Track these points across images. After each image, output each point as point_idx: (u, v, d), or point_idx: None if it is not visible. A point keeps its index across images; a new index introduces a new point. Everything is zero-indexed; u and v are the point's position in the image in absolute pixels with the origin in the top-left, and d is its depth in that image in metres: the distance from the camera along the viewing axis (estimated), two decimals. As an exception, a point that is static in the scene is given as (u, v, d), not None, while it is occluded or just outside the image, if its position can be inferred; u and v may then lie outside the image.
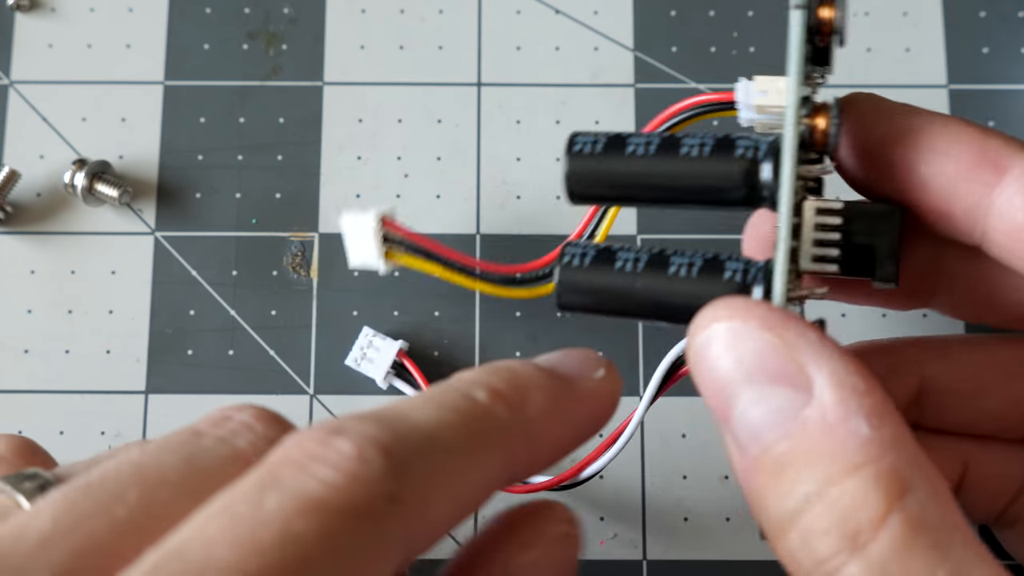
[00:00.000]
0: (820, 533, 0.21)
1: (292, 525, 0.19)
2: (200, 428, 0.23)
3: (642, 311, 0.27)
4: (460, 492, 0.22)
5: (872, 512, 0.21)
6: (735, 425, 0.23)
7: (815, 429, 0.22)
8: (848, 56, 0.38)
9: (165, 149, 0.38)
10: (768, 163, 0.26)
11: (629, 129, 0.37)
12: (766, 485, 0.23)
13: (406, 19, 0.39)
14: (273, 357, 0.36)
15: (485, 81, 0.38)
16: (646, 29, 0.38)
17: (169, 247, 0.37)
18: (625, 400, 0.35)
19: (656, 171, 0.27)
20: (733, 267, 0.26)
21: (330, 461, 0.20)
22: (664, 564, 0.34)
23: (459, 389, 0.23)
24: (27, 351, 0.36)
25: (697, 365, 0.24)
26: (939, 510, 0.21)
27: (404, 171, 0.37)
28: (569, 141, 0.28)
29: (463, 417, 0.22)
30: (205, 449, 0.22)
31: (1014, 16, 0.38)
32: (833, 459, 0.22)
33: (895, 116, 0.27)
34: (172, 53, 0.38)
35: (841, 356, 0.23)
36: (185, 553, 0.19)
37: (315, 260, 0.37)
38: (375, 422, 0.21)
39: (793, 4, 0.25)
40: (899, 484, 0.21)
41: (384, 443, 0.21)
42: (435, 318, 0.36)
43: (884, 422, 0.22)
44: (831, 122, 0.26)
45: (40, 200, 0.37)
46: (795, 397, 0.22)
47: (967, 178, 0.26)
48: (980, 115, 0.37)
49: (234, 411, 0.23)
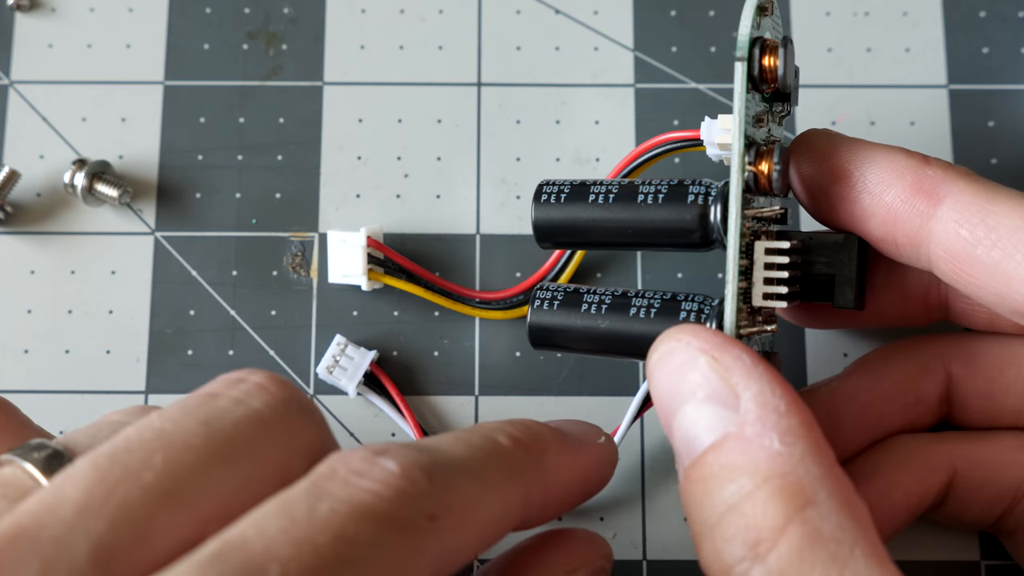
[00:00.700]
0: (729, 541, 0.23)
1: (345, 528, 0.20)
2: (215, 391, 0.23)
3: (606, 349, 0.30)
4: (487, 519, 0.23)
5: (772, 523, 0.23)
6: (674, 438, 0.25)
7: (734, 443, 0.24)
8: (848, 56, 0.38)
9: (165, 149, 0.38)
10: (717, 207, 0.29)
11: (629, 126, 0.37)
12: (693, 494, 0.24)
13: (406, 19, 0.39)
14: (273, 357, 0.36)
15: (485, 81, 0.38)
16: (646, 29, 0.38)
17: (169, 247, 0.37)
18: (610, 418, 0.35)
19: (615, 217, 0.30)
20: (688, 307, 0.29)
21: (377, 478, 0.22)
22: (664, 564, 0.34)
23: (482, 433, 0.25)
24: (27, 351, 0.36)
25: (650, 382, 0.26)
26: (842, 523, 0.23)
27: (404, 171, 0.37)
28: (537, 190, 0.31)
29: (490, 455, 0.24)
30: (223, 411, 0.23)
31: (1014, 16, 0.38)
32: (746, 472, 0.23)
33: (840, 150, 0.29)
34: (172, 53, 0.38)
35: (770, 379, 0.25)
36: (247, 545, 0.20)
37: (315, 260, 0.37)
38: (415, 448, 0.23)
39: (736, 56, 0.27)
40: (801, 497, 0.23)
41: (426, 466, 0.22)
42: (435, 318, 0.36)
43: (798, 440, 0.24)
44: (773, 167, 0.27)
45: (40, 200, 0.37)
46: (724, 415, 0.24)
47: (906, 207, 0.28)
48: (980, 115, 0.37)
49: (246, 373, 0.24)
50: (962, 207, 0.27)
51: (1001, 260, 0.26)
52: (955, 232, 0.27)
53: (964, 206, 0.27)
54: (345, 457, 0.22)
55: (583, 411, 0.35)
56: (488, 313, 0.35)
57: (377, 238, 0.35)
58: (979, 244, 0.27)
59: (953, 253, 0.27)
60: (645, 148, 0.32)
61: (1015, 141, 0.37)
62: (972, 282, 0.27)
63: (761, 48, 0.27)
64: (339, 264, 0.35)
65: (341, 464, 0.22)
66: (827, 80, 0.38)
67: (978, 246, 0.27)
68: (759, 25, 0.28)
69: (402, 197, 0.37)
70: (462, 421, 0.35)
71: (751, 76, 0.27)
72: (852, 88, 0.38)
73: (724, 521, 0.23)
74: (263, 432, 0.23)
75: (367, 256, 0.34)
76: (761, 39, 0.28)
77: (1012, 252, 0.26)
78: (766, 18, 0.28)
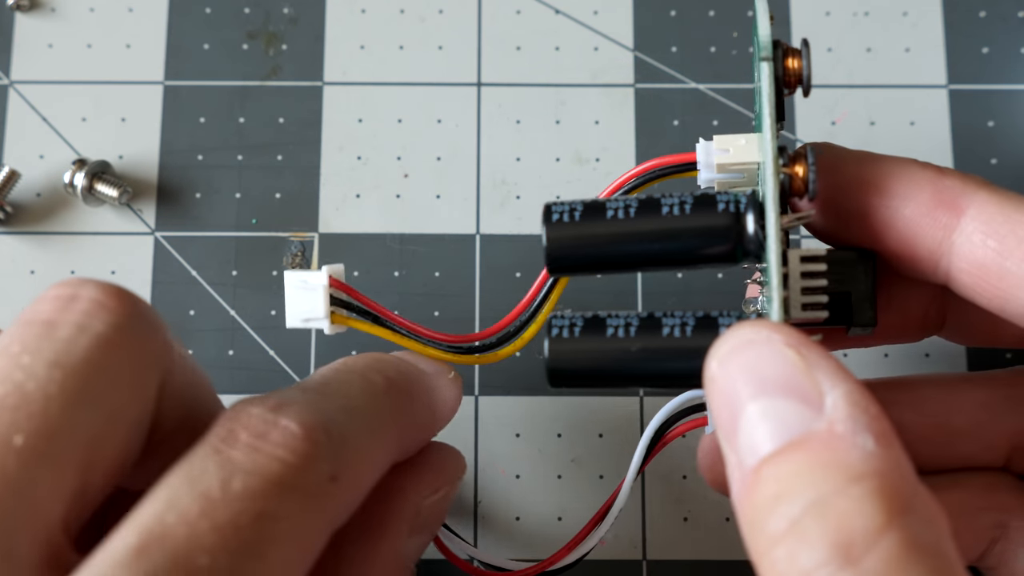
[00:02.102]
0: (809, 545, 0.20)
1: (263, 507, 0.21)
2: (51, 317, 0.22)
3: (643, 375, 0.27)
4: (377, 467, 0.24)
5: (870, 524, 0.20)
6: (740, 435, 0.23)
7: (821, 440, 0.22)
8: (848, 56, 0.38)
9: (165, 149, 0.38)
10: (751, 215, 0.26)
11: (629, 126, 0.37)
12: (761, 495, 0.22)
13: (406, 19, 0.39)
14: (273, 357, 0.36)
15: (485, 81, 0.38)
16: (646, 29, 0.38)
17: (169, 247, 0.37)
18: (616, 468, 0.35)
19: (640, 232, 0.27)
20: (726, 322, 0.26)
21: (282, 443, 0.22)
22: (664, 564, 0.34)
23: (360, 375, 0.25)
24: (27, 351, 0.36)
25: (715, 376, 0.24)
26: (938, 537, 0.21)
27: (404, 171, 0.37)
28: (545, 211, 0.27)
29: (372, 401, 0.25)
30: (68, 343, 0.22)
31: (1014, 16, 0.38)
32: (836, 470, 0.21)
33: (851, 164, 0.28)
34: (172, 53, 0.38)
35: (856, 382, 0.23)
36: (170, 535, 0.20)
37: (315, 260, 0.37)
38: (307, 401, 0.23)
39: (760, 56, 0.26)
40: (901, 501, 0.21)
41: (324, 424, 0.22)
42: (435, 318, 0.36)
43: (892, 444, 0.22)
44: (809, 169, 0.26)
45: (40, 200, 0.37)
46: (805, 412, 0.22)
47: (926, 220, 0.27)
48: (980, 115, 0.37)
49: (76, 287, 0.23)
50: (987, 218, 0.26)
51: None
52: (982, 243, 0.26)
53: (990, 217, 0.26)
54: (242, 416, 0.22)
55: (583, 411, 0.35)
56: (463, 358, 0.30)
57: (339, 277, 0.31)
58: (1010, 256, 0.26)
59: (979, 266, 0.26)
60: (632, 175, 0.29)
61: (1015, 141, 0.37)
62: (998, 295, 0.26)
63: (784, 50, 0.27)
64: (298, 307, 0.30)
65: (240, 426, 0.22)
66: (827, 80, 0.38)
67: (1008, 258, 0.26)
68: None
69: (402, 197, 0.37)
70: (462, 421, 0.35)
71: (776, 77, 0.26)
72: (852, 88, 0.38)
73: (805, 523, 0.21)
74: (114, 357, 0.22)
75: (330, 298, 0.30)
76: (779, 41, 0.27)
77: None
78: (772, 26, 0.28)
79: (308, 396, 0.23)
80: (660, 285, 0.36)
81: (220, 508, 0.20)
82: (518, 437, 0.35)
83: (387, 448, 0.25)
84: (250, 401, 0.23)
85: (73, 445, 0.21)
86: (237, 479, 0.21)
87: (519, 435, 0.35)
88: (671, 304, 0.36)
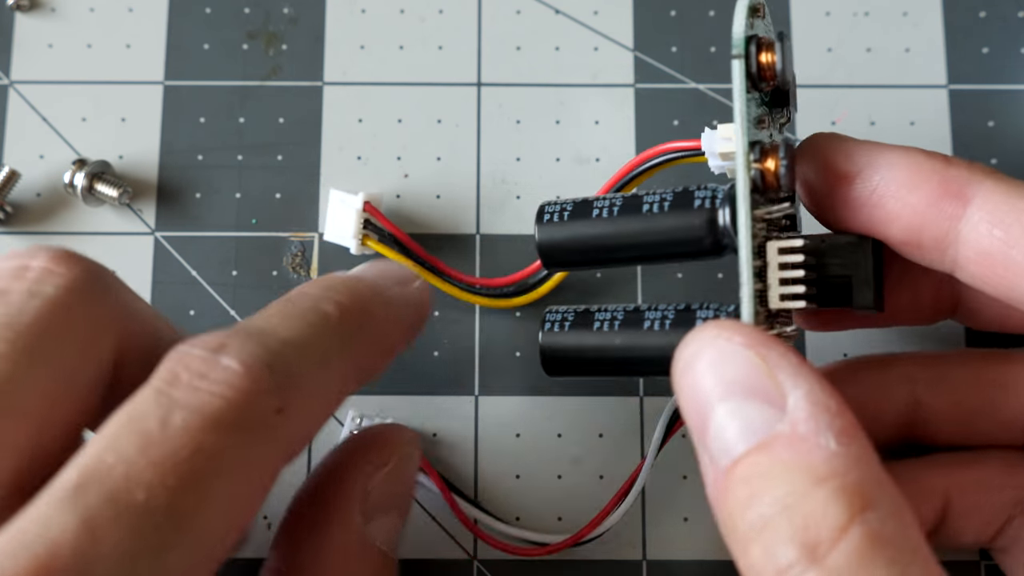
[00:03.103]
0: (782, 543, 0.22)
1: (202, 442, 0.21)
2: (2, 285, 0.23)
3: (623, 367, 0.29)
4: (330, 396, 0.24)
5: (833, 523, 0.22)
6: (710, 437, 0.24)
7: (785, 442, 0.23)
8: (848, 56, 0.38)
9: (165, 149, 0.38)
10: (725, 210, 0.28)
11: (629, 126, 0.37)
12: (734, 496, 0.23)
13: (406, 19, 0.39)
14: (273, 357, 0.36)
15: (485, 81, 0.38)
16: (646, 29, 0.38)
17: (169, 247, 0.37)
18: (629, 451, 0.35)
19: (622, 231, 0.29)
20: (704, 315, 0.28)
21: (222, 379, 0.22)
22: (664, 564, 0.34)
23: (310, 306, 0.25)
24: (27, 351, 0.36)
25: (681, 380, 0.25)
26: (900, 528, 0.22)
27: (404, 171, 0.37)
28: (539, 211, 0.30)
29: (323, 331, 0.25)
30: (19, 308, 0.22)
31: (1014, 16, 0.38)
32: (800, 471, 0.22)
33: (856, 153, 0.28)
34: (172, 53, 0.38)
35: (818, 379, 0.24)
36: (108, 471, 0.20)
37: (315, 260, 0.37)
38: (250, 338, 0.23)
39: (732, 54, 0.26)
40: (861, 499, 0.22)
41: (267, 360, 0.22)
42: (435, 318, 0.36)
43: (852, 441, 0.23)
44: (780, 163, 0.26)
45: (40, 200, 0.37)
46: (769, 412, 0.23)
47: (933, 210, 0.27)
48: (980, 115, 0.37)
49: (27, 258, 0.24)
50: (993, 207, 0.26)
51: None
52: (988, 233, 0.26)
53: (995, 206, 0.26)
54: (184, 358, 0.22)
55: (584, 411, 0.35)
56: (479, 299, 0.35)
57: (377, 206, 0.34)
58: (1016, 245, 0.26)
59: (986, 255, 0.26)
60: (645, 157, 0.32)
61: (1015, 141, 0.37)
62: (1004, 284, 0.26)
63: (757, 45, 0.27)
64: (335, 224, 0.35)
65: (181, 367, 0.22)
66: (827, 80, 0.38)
67: (1015, 247, 0.26)
68: (752, 26, 0.28)
69: (402, 197, 0.37)
70: (462, 421, 0.35)
71: (749, 74, 0.27)
72: (852, 88, 0.38)
73: (775, 523, 0.22)
74: (65, 318, 0.23)
75: (363, 222, 0.34)
76: (756, 36, 0.27)
77: None
78: (759, 19, 0.28)
79: (252, 333, 0.23)
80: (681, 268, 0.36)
81: (158, 445, 0.21)
82: (518, 437, 0.35)
83: (342, 376, 0.25)
84: (193, 342, 0.23)
85: (24, 401, 0.21)
86: (176, 416, 0.21)
87: (519, 435, 0.35)
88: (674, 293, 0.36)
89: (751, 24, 0.27)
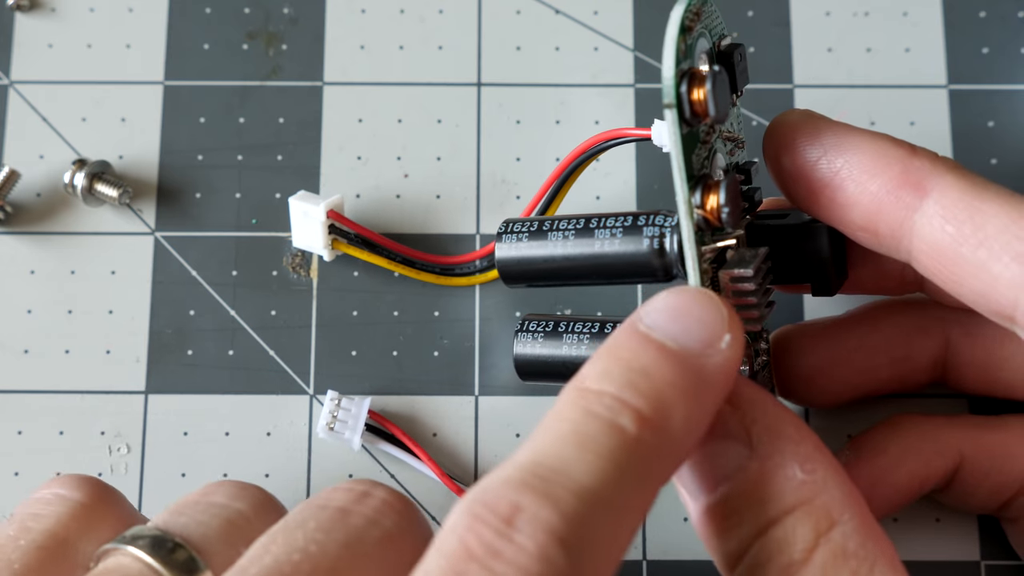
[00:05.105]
0: (761, 568, 0.24)
1: None
2: (346, 506, 0.24)
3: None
4: (624, 548, 0.22)
5: (803, 545, 0.24)
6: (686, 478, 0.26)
7: (754, 479, 0.24)
8: (848, 56, 0.38)
9: (165, 149, 0.38)
10: (673, 247, 0.29)
11: (628, 122, 0.37)
12: (716, 528, 0.25)
13: (406, 19, 0.39)
14: (273, 357, 0.36)
15: (485, 81, 0.38)
16: (646, 29, 0.38)
17: (169, 247, 0.37)
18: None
19: (574, 257, 0.30)
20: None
21: (514, 561, 0.20)
22: (664, 564, 0.34)
23: (604, 418, 0.22)
24: (27, 351, 0.36)
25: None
26: (863, 541, 0.24)
27: (404, 171, 0.37)
28: (499, 230, 0.32)
29: (622, 465, 0.22)
30: (360, 531, 0.24)
31: (1014, 16, 0.38)
32: (771, 502, 0.24)
33: (824, 134, 0.28)
34: (172, 53, 0.38)
35: (775, 407, 0.25)
36: None
37: (315, 260, 0.37)
38: (543, 498, 0.21)
39: (663, 102, 0.26)
40: (827, 520, 0.24)
41: (561, 535, 0.20)
42: (435, 318, 0.36)
43: (817, 466, 0.24)
44: (721, 208, 0.26)
45: (40, 200, 0.37)
46: (739, 450, 0.25)
47: (891, 198, 0.27)
48: (980, 115, 0.37)
49: (369, 487, 0.25)
50: (949, 203, 0.26)
51: (987, 261, 0.25)
52: (940, 228, 0.26)
53: (951, 202, 0.26)
54: (474, 527, 0.21)
55: (583, 411, 0.35)
56: (450, 280, 0.35)
57: (339, 210, 0.35)
58: (965, 243, 0.26)
59: (937, 249, 0.26)
60: (593, 143, 0.32)
61: (1015, 141, 0.37)
62: (953, 279, 0.26)
63: (689, 82, 0.25)
64: (302, 233, 0.35)
65: (473, 537, 0.21)
66: (827, 80, 0.38)
67: (964, 244, 0.26)
68: (691, 48, 0.26)
69: (402, 197, 0.37)
70: (462, 421, 0.35)
71: (684, 119, 0.26)
72: (852, 88, 0.38)
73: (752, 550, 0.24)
74: (395, 551, 0.24)
75: (329, 227, 0.34)
76: (689, 71, 0.26)
77: (999, 254, 0.25)
78: (698, 27, 0.27)
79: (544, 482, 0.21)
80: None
81: None
82: (518, 437, 0.35)
83: (643, 511, 0.23)
84: (485, 497, 0.21)
85: None
86: None
87: (519, 435, 0.35)
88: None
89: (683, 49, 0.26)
